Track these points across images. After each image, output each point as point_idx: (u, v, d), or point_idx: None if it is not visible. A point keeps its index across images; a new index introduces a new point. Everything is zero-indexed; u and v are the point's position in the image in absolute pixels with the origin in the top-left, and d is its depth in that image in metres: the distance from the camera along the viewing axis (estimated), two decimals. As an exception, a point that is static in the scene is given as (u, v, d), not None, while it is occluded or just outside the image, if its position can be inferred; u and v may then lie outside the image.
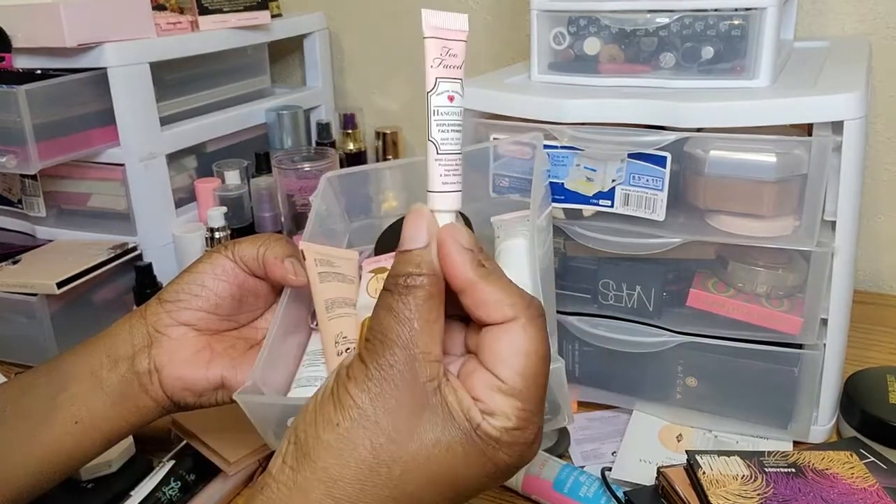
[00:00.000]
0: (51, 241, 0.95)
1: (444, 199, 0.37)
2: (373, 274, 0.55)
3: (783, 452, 0.59)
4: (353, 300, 0.54)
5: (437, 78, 0.36)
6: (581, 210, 0.69)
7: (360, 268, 0.58)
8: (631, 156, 0.65)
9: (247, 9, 1.05)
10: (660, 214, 0.65)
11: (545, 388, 0.37)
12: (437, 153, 0.37)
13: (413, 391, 0.35)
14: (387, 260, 0.57)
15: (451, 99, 0.37)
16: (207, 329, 0.54)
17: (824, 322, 0.65)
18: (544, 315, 0.37)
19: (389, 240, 0.60)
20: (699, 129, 0.64)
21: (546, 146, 0.66)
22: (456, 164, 0.37)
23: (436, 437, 0.35)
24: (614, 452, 0.68)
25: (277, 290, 0.56)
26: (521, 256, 0.55)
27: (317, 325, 0.54)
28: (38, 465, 0.51)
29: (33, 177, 0.95)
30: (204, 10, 0.99)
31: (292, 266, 0.53)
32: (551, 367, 0.44)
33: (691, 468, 0.57)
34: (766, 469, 0.56)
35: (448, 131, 0.37)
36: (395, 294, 0.36)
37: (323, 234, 0.61)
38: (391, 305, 0.35)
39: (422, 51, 0.37)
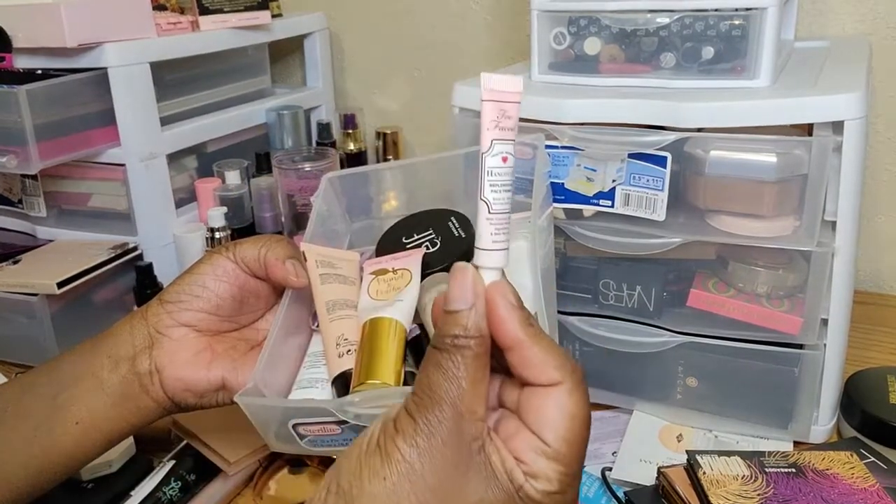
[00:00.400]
0: (51, 241, 0.95)
1: (493, 257, 0.38)
2: (374, 276, 0.55)
3: (783, 452, 0.59)
4: (354, 302, 0.54)
5: (493, 140, 0.37)
6: (581, 210, 0.69)
7: (362, 269, 0.58)
8: (631, 156, 0.65)
9: (247, 9, 1.05)
10: (660, 214, 0.65)
11: (585, 451, 0.37)
12: (489, 213, 0.38)
13: (459, 449, 0.35)
14: (388, 262, 0.57)
15: (504, 160, 0.38)
16: (208, 330, 0.54)
17: (824, 322, 0.65)
18: (586, 379, 0.37)
19: (390, 241, 0.60)
20: (699, 130, 0.64)
21: (546, 146, 0.66)
22: (505, 224, 0.38)
23: (479, 496, 0.35)
24: (615, 452, 0.68)
25: (278, 291, 0.56)
26: (523, 258, 0.55)
27: (318, 326, 0.54)
28: (39, 465, 0.51)
29: (34, 177, 0.95)
30: (204, 10, 0.99)
31: (293, 267, 0.53)
32: None
33: (692, 468, 0.57)
34: (766, 469, 0.56)
35: (500, 191, 0.38)
36: (443, 352, 0.36)
37: (324, 234, 0.61)
38: (440, 363, 0.36)
39: (480, 113, 0.38)
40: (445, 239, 0.59)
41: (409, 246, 0.59)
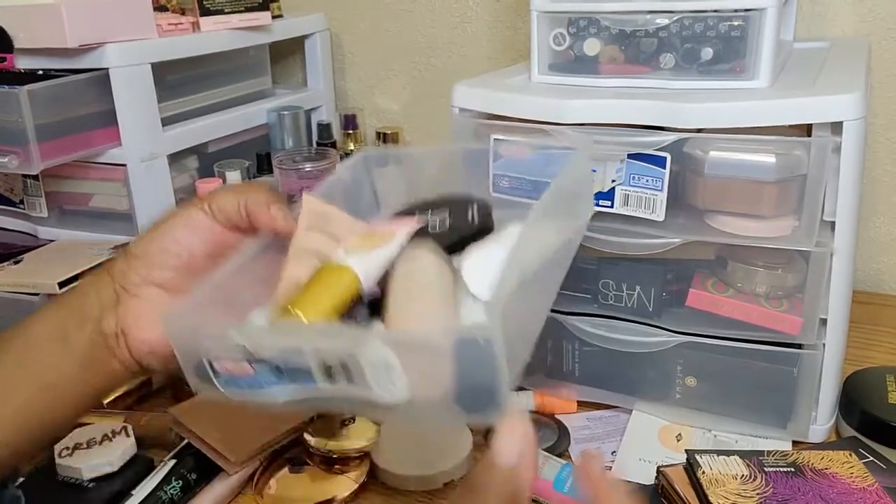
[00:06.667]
0: (52, 241, 0.95)
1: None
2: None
3: (782, 452, 0.59)
4: (329, 257, 0.49)
5: None
6: (581, 210, 0.69)
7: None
8: (631, 156, 0.65)
9: (248, 10, 1.05)
10: (659, 215, 0.65)
11: None
12: None
13: None
14: (379, 225, 0.53)
15: None
16: (178, 290, 0.49)
17: (824, 322, 0.65)
18: None
19: (404, 213, 0.57)
20: (699, 130, 0.64)
21: (547, 146, 0.66)
22: None
23: None
24: (614, 452, 0.68)
25: None
26: (509, 239, 0.52)
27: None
28: (12, 434, 0.48)
29: (35, 177, 0.95)
30: (205, 11, 0.99)
31: (280, 212, 0.50)
32: (483, 336, 0.38)
33: (691, 468, 0.57)
34: (765, 468, 0.57)
35: None
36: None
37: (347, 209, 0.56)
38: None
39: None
40: (456, 222, 0.55)
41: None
